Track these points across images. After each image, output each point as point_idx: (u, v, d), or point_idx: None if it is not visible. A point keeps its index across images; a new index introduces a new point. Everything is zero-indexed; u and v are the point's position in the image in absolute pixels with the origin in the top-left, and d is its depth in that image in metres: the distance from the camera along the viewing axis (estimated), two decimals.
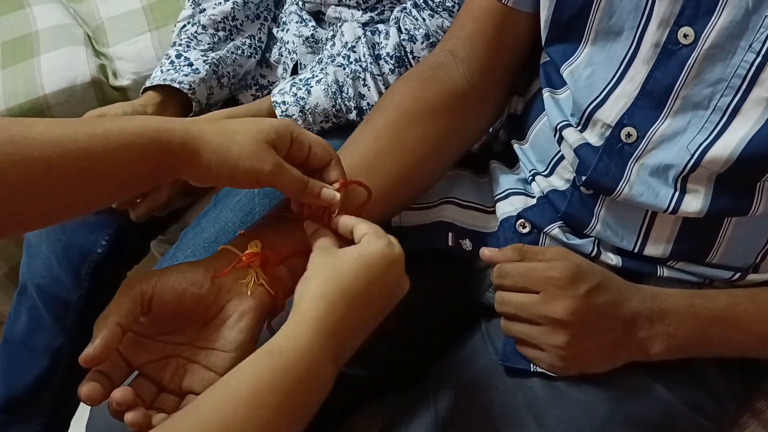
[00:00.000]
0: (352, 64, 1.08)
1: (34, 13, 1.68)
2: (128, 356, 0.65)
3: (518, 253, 0.77)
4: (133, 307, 0.63)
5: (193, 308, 0.67)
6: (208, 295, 0.67)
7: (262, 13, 1.25)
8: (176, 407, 0.65)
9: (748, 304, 0.77)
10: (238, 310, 0.67)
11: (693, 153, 0.73)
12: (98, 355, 0.60)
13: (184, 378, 0.66)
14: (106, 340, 0.61)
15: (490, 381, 0.80)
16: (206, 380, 0.65)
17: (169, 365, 0.67)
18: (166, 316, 0.66)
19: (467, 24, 0.90)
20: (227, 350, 0.66)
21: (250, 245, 0.70)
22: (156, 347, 0.67)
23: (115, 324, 0.62)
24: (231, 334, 0.67)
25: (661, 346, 0.76)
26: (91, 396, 0.61)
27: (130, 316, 0.63)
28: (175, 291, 0.66)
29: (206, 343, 0.67)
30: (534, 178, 0.88)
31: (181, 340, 0.67)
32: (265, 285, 0.69)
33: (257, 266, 0.69)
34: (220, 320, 0.68)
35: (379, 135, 0.84)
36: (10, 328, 1.18)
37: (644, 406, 0.77)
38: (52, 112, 1.50)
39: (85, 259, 1.15)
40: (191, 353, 0.67)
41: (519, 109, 0.95)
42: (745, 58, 0.69)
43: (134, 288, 0.64)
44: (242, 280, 0.69)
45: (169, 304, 0.65)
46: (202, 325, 0.68)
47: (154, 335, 0.67)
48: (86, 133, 0.60)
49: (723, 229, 0.78)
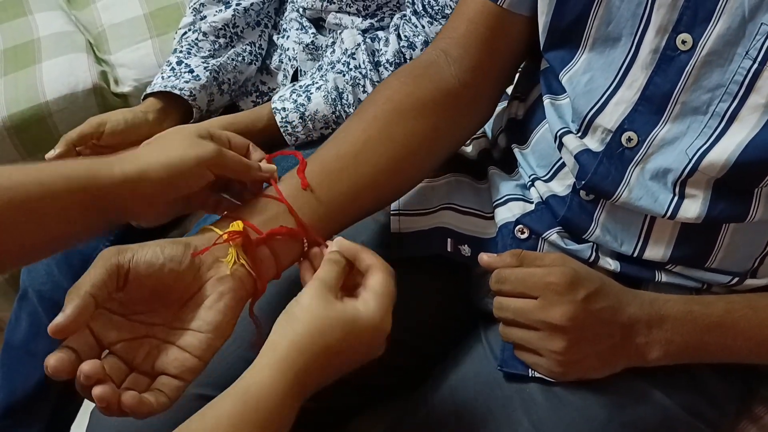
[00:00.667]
0: (351, 70, 1.08)
1: (36, 21, 1.69)
2: (99, 334, 0.62)
3: (516, 259, 0.77)
4: (108, 279, 0.61)
5: (171, 286, 0.65)
6: (186, 272, 0.65)
7: (263, 20, 1.26)
8: (147, 388, 0.62)
9: (745, 310, 0.77)
10: (217, 290, 0.66)
11: (691, 158, 0.73)
12: (69, 325, 0.58)
13: (157, 359, 0.64)
14: (78, 309, 0.58)
15: (488, 386, 0.80)
16: (180, 361, 0.63)
17: (142, 345, 0.64)
18: (142, 293, 0.64)
19: (461, 24, 0.90)
20: (204, 331, 0.64)
21: (231, 224, 0.69)
22: (129, 326, 0.64)
23: (89, 294, 0.59)
24: (208, 315, 0.65)
25: (659, 351, 0.76)
26: (57, 367, 0.58)
27: (104, 288, 0.60)
28: (153, 266, 0.63)
29: (182, 323, 0.65)
30: (533, 184, 0.88)
31: (156, 320, 0.65)
32: (246, 266, 0.68)
33: (239, 245, 0.68)
34: (198, 300, 0.66)
35: (368, 126, 0.83)
36: (11, 334, 1.19)
37: (643, 411, 0.77)
38: (54, 119, 1.50)
39: (86, 264, 1.12)
40: (166, 334, 0.65)
41: (520, 114, 0.95)
42: (742, 65, 0.70)
43: (110, 260, 0.62)
44: (223, 259, 0.67)
45: (145, 279, 0.63)
46: (179, 305, 0.66)
47: (128, 314, 0.65)
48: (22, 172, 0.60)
49: (722, 233, 0.78)
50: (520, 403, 0.78)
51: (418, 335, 0.90)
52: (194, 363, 0.63)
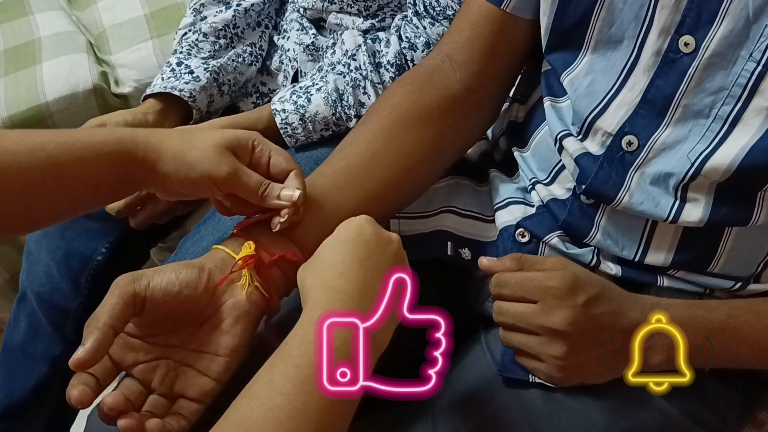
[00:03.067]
0: (352, 72, 1.07)
1: (37, 21, 1.69)
2: (117, 357, 0.64)
3: (517, 263, 0.77)
4: (125, 309, 0.62)
5: (187, 310, 0.66)
6: (202, 297, 0.66)
7: (263, 20, 1.26)
8: (167, 410, 0.64)
9: (748, 315, 0.76)
10: (233, 314, 0.67)
11: (693, 162, 0.73)
12: (90, 359, 0.59)
13: (176, 381, 0.65)
14: (98, 343, 0.59)
15: (488, 391, 0.80)
16: (199, 385, 0.65)
17: (159, 368, 0.65)
18: (158, 317, 0.65)
19: (465, 28, 0.89)
20: (221, 354, 0.65)
21: (243, 246, 0.70)
22: (146, 349, 0.66)
23: (108, 326, 0.60)
24: (225, 339, 0.66)
25: (660, 356, 0.75)
26: (81, 400, 0.59)
27: (122, 318, 0.61)
28: (169, 293, 0.64)
29: (199, 347, 0.66)
30: (534, 187, 0.88)
31: (173, 342, 0.66)
32: (260, 288, 0.68)
33: (252, 268, 0.69)
34: (214, 323, 0.67)
35: (375, 137, 0.83)
36: (10, 336, 1.19)
37: (643, 417, 0.77)
38: (54, 120, 1.50)
39: (85, 266, 1.15)
40: (183, 356, 0.66)
41: (520, 116, 0.95)
42: (745, 68, 0.69)
43: (126, 289, 0.63)
44: (236, 283, 0.68)
45: (162, 305, 0.64)
46: (195, 327, 0.67)
47: (145, 336, 0.66)
48: (54, 142, 0.62)
49: (724, 238, 0.77)
50: (519, 408, 0.77)
51: (417, 339, 0.89)
52: (213, 386, 0.65)
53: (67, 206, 0.65)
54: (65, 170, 0.62)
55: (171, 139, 0.68)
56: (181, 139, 0.68)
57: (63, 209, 0.65)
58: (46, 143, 0.61)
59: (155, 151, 0.67)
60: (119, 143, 0.65)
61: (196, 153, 0.68)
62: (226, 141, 0.69)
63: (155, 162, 0.67)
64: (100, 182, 0.65)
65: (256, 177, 0.71)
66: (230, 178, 0.69)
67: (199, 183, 0.69)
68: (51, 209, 0.64)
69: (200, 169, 0.68)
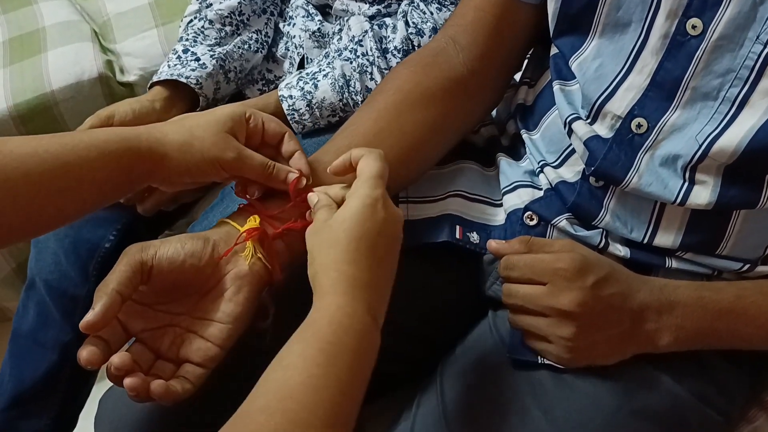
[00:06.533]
0: (359, 58, 1.07)
1: (42, 10, 1.69)
2: (126, 323, 0.68)
3: (525, 245, 0.77)
4: (132, 276, 0.65)
5: (192, 280, 0.69)
6: (206, 267, 0.70)
7: (269, 7, 1.25)
8: (173, 375, 0.67)
9: (756, 297, 0.77)
10: (235, 284, 0.70)
11: (701, 144, 0.73)
12: (98, 321, 0.63)
13: (182, 347, 0.68)
14: (106, 307, 0.63)
15: (497, 373, 0.80)
16: (203, 350, 0.68)
17: (166, 334, 0.69)
18: (165, 286, 0.69)
19: (468, 11, 0.90)
20: (224, 322, 0.69)
21: (248, 219, 0.73)
22: (154, 316, 0.69)
23: (115, 292, 0.64)
24: (228, 307, 0.69)
25: (669, 338, 0.75)
26: (90, 360, 0.63)
27: (129, 285, 0.65)
28: (175, 262, 0.68)
29: (204, 314, 0.69)
30: (542, 170, 0.88)
31: (179, 310, 0.70)
32: (263, 259, 0.71)
33: (256, 240, 0.71)
34: (218, 292, 0.70)
35: (379, 117, 0.85)
36: (19, 323, 1.19)
37: (652, 398, 0.77)
38: (60, 108, 1.50)
39: (93, 254, 1.15)
40: (189, 323, 0.69)
41: (530, 100, 0.95)
42: (753, 50, 0.69)
43: (134, 257, 0.66)
44: (240, 254, 0.71)
45: (168, 274, 0.68)
46: (200, 296, 0.70)
47: (153, 304, 0.70)
48: (58, 143, 0.64)
49: (732, 220, 0.78)
50: (529, 390, 0.78)
51: (427, 323, 0.90)
52: (216, 352, 0.68)
53: (72, 207, 0.67)
54: (71, 170, 0.64)
55: (172, 132, 0.71)
56: (181, 130, 0.71)
57: (69, 210, 0.67)
58: (50, 145, 0.64)
59: (159, 145, 0.69)
60: (123, 140, 0.68)
61: (198, 143, 0.71)
62: (223, 125, 0.73)
63: (162, 155, 0.69)
64: (105, 181, 0.67)
65: (259, 158, 0.74)
66: (235, 162, 0.72)
67: (207, 170, 0.72)
68: (58, 211, 0.66)
69: (207, 157, 0.71)
